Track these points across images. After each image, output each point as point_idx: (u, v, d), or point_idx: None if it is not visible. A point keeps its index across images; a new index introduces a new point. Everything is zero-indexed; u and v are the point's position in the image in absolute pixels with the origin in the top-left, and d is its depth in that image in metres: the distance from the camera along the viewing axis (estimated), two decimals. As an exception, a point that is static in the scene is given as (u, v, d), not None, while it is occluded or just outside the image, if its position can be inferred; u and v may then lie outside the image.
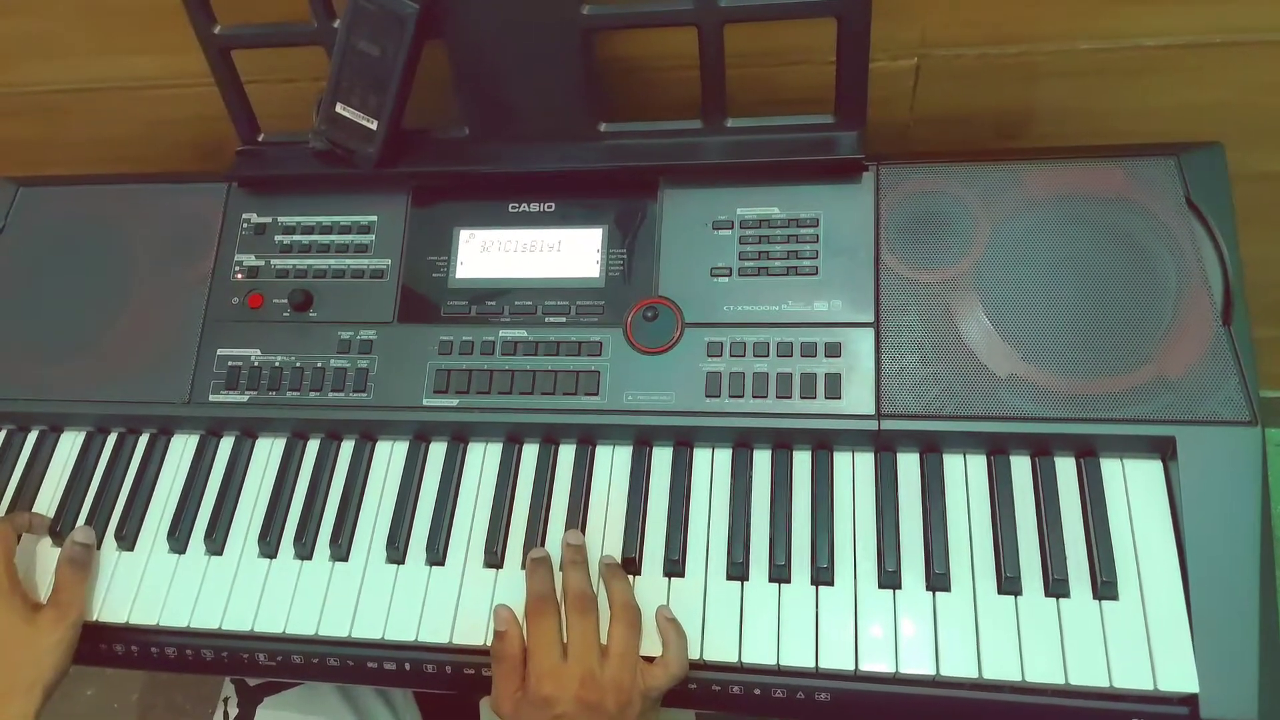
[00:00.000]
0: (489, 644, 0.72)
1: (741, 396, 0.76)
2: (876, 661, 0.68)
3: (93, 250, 0.89)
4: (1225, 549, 0.67)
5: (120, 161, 1.05)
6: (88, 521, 0.82)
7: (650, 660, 0.69)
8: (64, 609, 0.76)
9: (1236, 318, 0.71)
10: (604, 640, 0.69)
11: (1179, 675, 0.64)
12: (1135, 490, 0.70)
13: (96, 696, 1.52)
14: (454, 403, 0.79)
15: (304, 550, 0.78)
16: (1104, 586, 0.67)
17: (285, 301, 0.84)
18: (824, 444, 0.75)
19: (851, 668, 0.68)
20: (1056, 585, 0.68)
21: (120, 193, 0.91)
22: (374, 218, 0.85)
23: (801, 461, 0.75)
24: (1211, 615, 0.66)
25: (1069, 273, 0.74)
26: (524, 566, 0.75)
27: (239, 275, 0.86)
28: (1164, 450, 0.70)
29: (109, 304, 0.87)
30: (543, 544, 0.76)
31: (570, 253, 0.82)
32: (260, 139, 0.88)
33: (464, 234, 0.84)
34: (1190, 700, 0.64)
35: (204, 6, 0.80)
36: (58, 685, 0.75)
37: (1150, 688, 0.64)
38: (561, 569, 0.73)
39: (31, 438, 0.88)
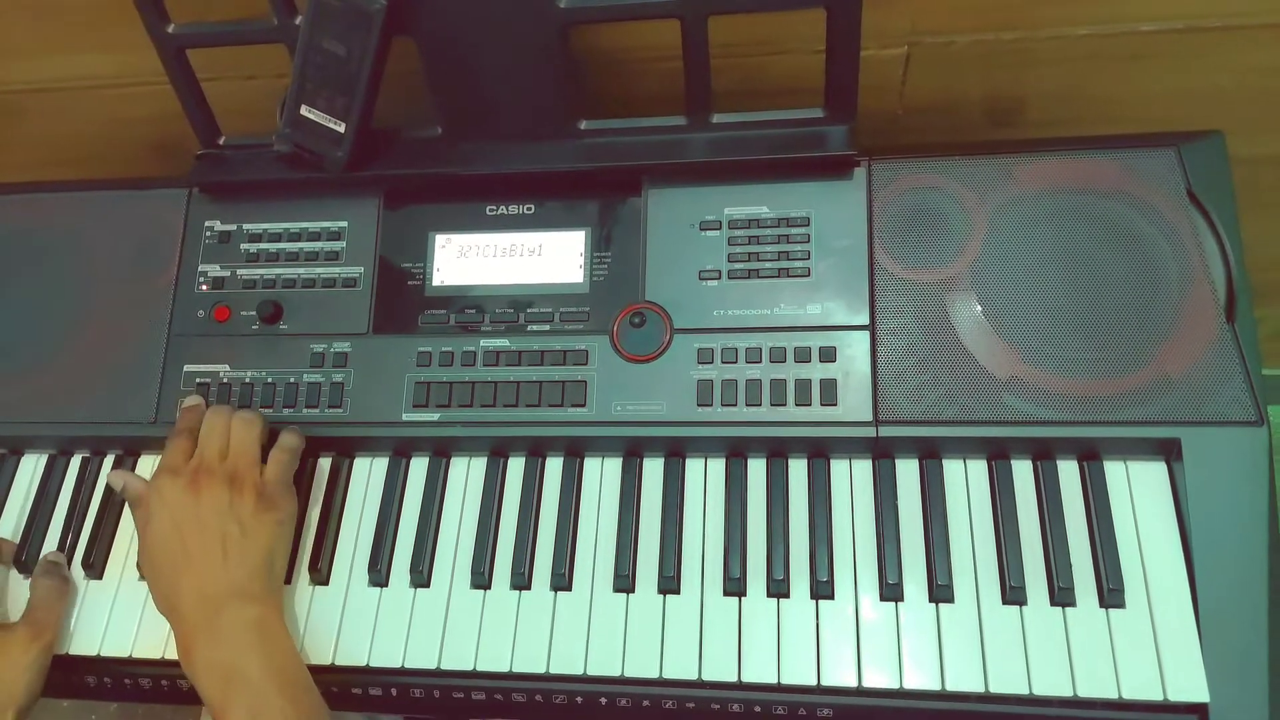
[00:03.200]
0: (477, 668, 0.70)
1: (734, 405, 0.73)
2: (880, 677, 0.66)
3: (47, 261, 0.85)
4: (1233, 553, 0.65)
5: (76, 163, 1.01)
6: (57, 549, 0.79)
7: None
8: (39, 628, 0.73)
9: (1240, 314, 0.70)
10: None
11: (1189, 685, 0.63)
12: (1140, 494, 0.69)
13: (74, 706, 1.48)
14: (435, 416, 0.76)
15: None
16: (1110, 594, 0.66)
17: (254, 313, 0.80)
18: (820, 452, 0.73)
19: (854, 684, 0.66)
20: (1062, 594, 0.66)
21: (75, 200, 0.86)
22: (344, 224, 0.82)
23: (798, 471, 0.73)
24: (1220, 622, 0.64)
25: (1068, 270, 0.72)
26: (513, 587, 0.72)
27: (204, 286, 0.82)
28: (1169, 452, 0.69)
29: (67, 318, 0.83)
30: (532, 561, 0.73)
31: (552, 257, 0.79)
32: (221, 142, 0.84)
33: (440, 239, 0.80)
34: (1200, 709, 0.63)
35: (156, 4, 0.76)
36: (31, 708, 0.72)
37: (1160, 698, 0.63)
38: None
39: (-10, 462, 0.84)
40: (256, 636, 0.66)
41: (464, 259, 0.80)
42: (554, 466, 0.76)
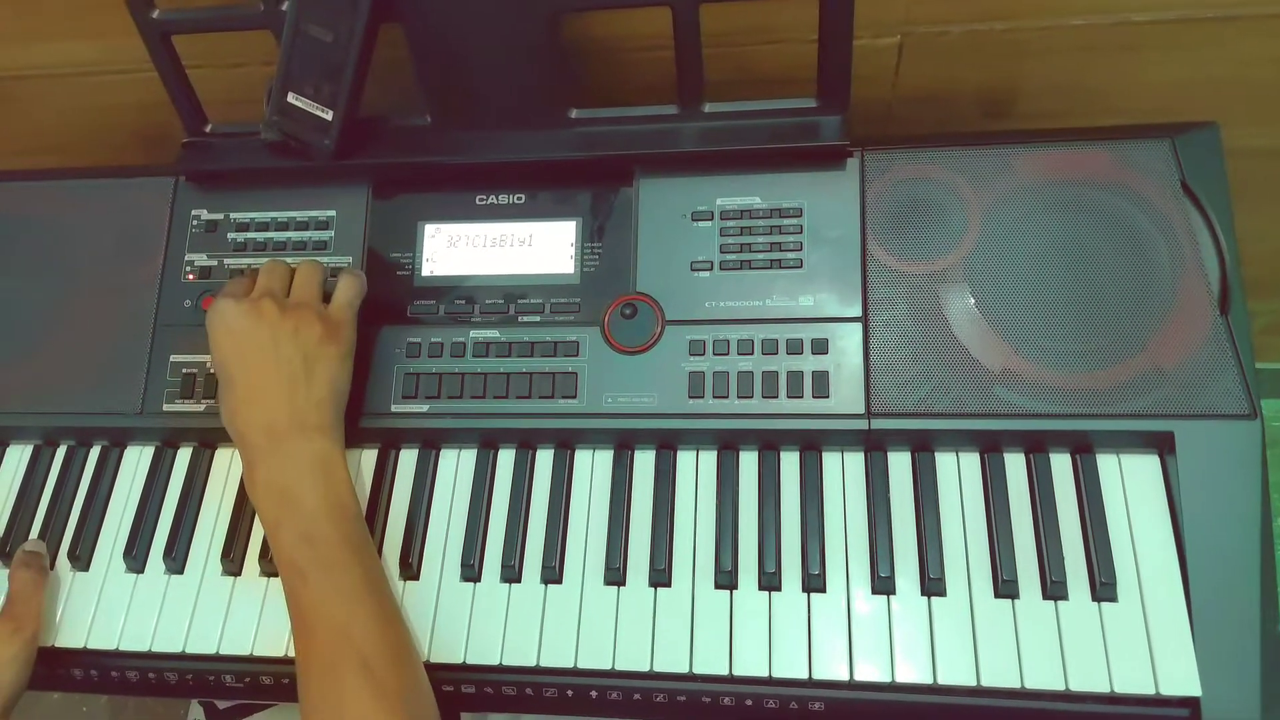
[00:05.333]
0: (467, 661, 0.69)
1: (726, 397, 0.72)
2: (871, 670, 0.66)
3: (31, 251, 0.83)
4: (1225, 547, 0.65)
5: (60, 151, 0.99)
6: (39, 539, 0.78)
7: None
8: (19, 621, 0.72)
9: (1234, 307, 0.69)
10: None
11: (1181, 678, 0.63)
12: (1133, 487, 0.69)
13: (64, 698, 1.47)
14: (424, 408, 0.75)
15: (270, 567, 0.74)
16: (1102, 588, 0.65)
17: (241, 303, 0.79)
18: (812, 444, 0.73)
19: (846, 677, 0.66)
20: (1054, 587, 0.66)
21: (59, 189, 0.85)
22: (332, 213, 0.81)
23: (789, 463, 0.73)
24: (1213, 615, 0.64)
25: (1062, 262, 0.71)
26: (503, 579, 0.72)
27: (190, 276, 0.81)
28: (1162, 445, 0.69)
29: (52, 309, 0.82)
30: (522, 554, 0.72)
31: (543, 247, 0.78)
32: (208, 129, 0.83)
33: (429, 228, 0.79)
34: (1192, 703, 0.63)
35: (141, -11, 0.75)
36: (15, 702, 0.71)
37: (1152, 691, 0.63)
38: None
39: (-26, 452, 0.83)
40: (316, 468, 0.68)
41: (454, 249, 0.79)
42: (544, 458, 0.76)
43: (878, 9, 0.78)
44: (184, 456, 0.79)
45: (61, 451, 0.82)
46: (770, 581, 0.69)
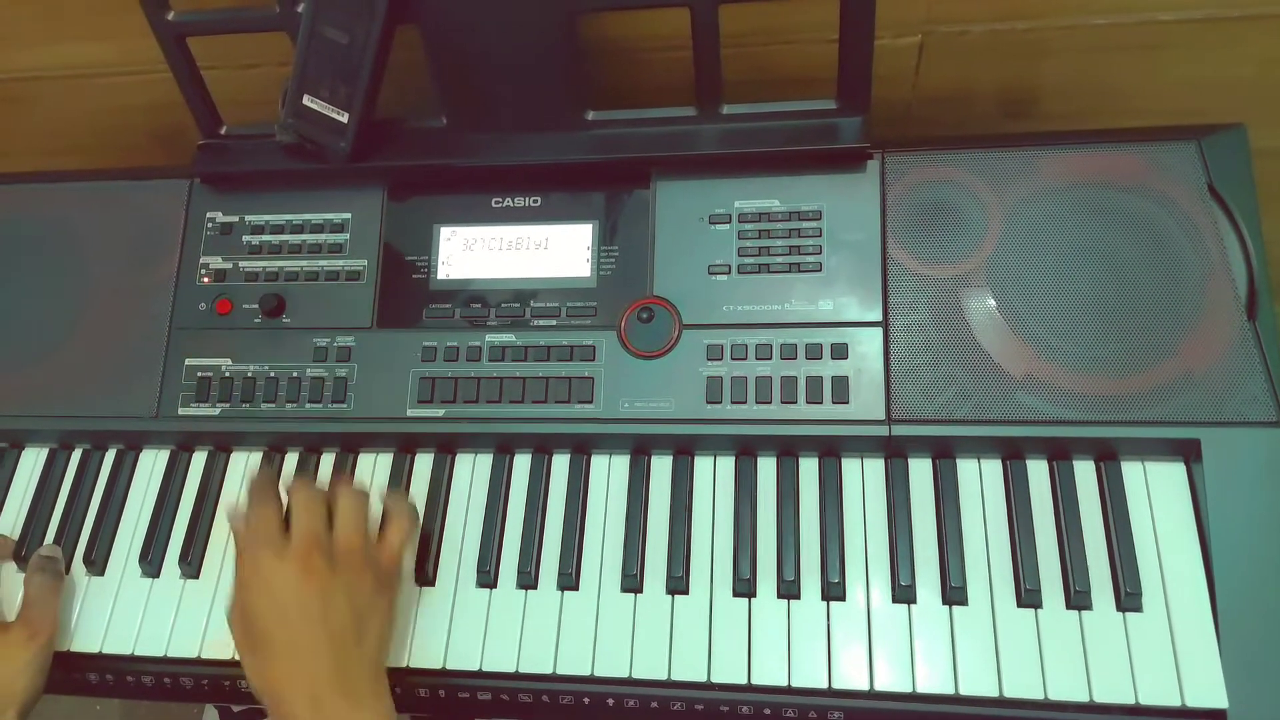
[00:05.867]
0: (483, 668, 0.69)
1: (744, 402, 0.72)
2: (892, 680, 0.65)
3: (47, 253, 0.83)
4: (1253, 556, 0.64)
5: (76, 152, 0.99)
6: (54, 544, 0.78)
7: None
8: (35, 626, 0.72)
9: (1261, 311, 0.68)
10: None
11: (1207, 690, 0.62)
12: (1158, 495, 0.68)
13: (77, 700, 1.48)
14: (440, 412, 0.75)
15: (285, 572, 0.74)
16: (1127, 598, 0.64)
17: (256, 307, 0.79)
18: (831, 451, 0.72)
19: (866, 687, 0.65)
20: (1078, 597, 0.65)
21: (74, 190, 0.85)
22: (348, 215, 0.80)
23: (808, 470, 0.72)
24: (1240, 626, 0.63)
25: (1086, 265, 0.70)
26: (519, 586, 0.71)
27: (205, 279, 0.81)
28: (1188, 453, 0.67)
29: (68, 311, 0.81)
30: (538, 559, 0.72)
31: (559, 250, 0.77)
32: (223, 131, 0.82)
33: (445, 231, 0.79)
34: (1219, 715, 0.62)
35: (156, -9, 0.74)
36: (32, 707, 0.71)
37: (1178, 703, 0.62)
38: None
39: (-10, 456, 0.83)
40: None
41: (469, 252, 0.78)
42: (560, 464, 0.75)
43: (898, 8, 0.77)
44: (199, 460, 0.79)
45: (77, 455, 0.81)
46: (789, 590, 0.68)
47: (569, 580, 0.70)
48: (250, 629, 0.64)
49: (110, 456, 0.81)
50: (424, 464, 0.76)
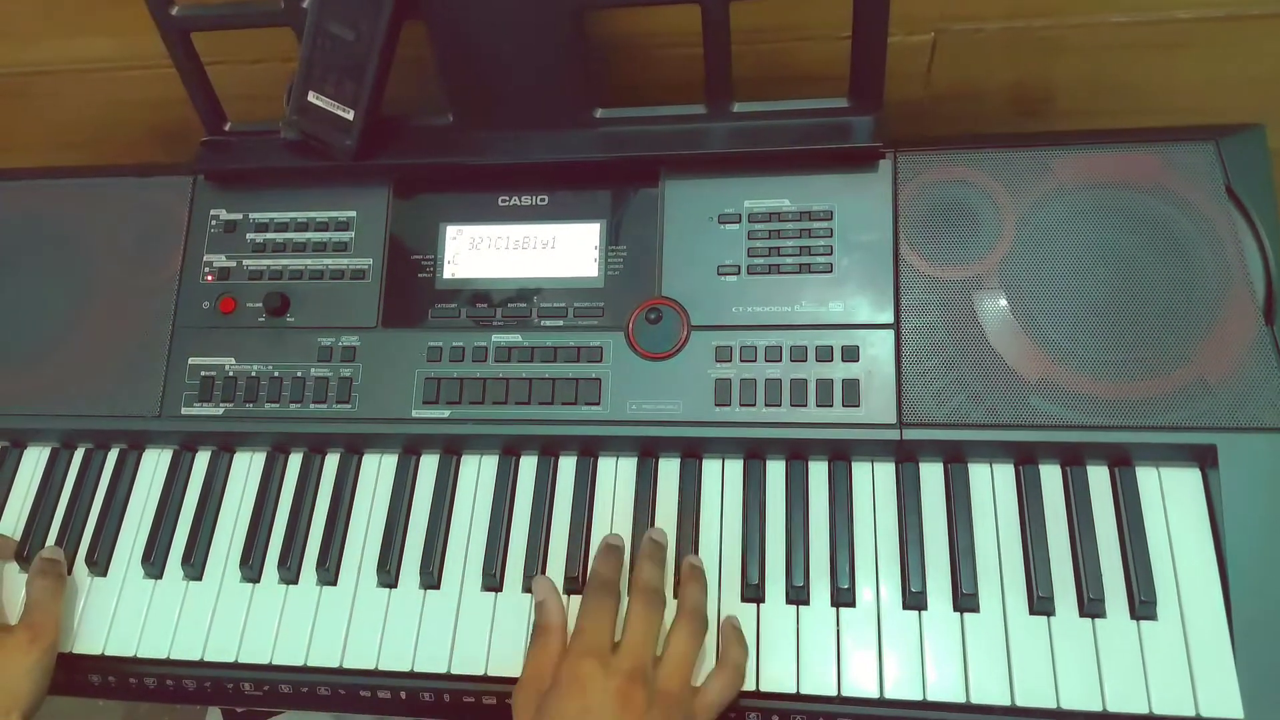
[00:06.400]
0: (489, 673, 0.68)
1: (753, 405, 0.71)
2: (903, 688, 0.64)
3: (49, 250, 0.83)
4: (1269, 564, 0.63)
5: (79, 147, 0.99)
6: (56, 544, 0.77)
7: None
8: (37, 630, 0.71)
9: (1279, 315, 0.67)
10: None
11: (1222, 699, 0.61)
12: (1173, 502, 0.67)
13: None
14: (445, 413, 0.74)
15: (289, 574, 0.73)
16: (1142, 606, 0.64)
17: (260, 305, 0.78)
18: (841, 454, 0.71)
19: (876, 694, 0.64)
20: (1092, 605, 0.64)
21: (77, 187, 0.84)
22: (353, 213, 0.79)
23: (818, 473, 0.71)
24: (1255, 635, 0.62)
25: (1102, 268, 0.69)
26: (525, 589, 0.70)
27: (209, 277, 0.80)
28: (1204, 459, 0.67)
29: (70, 309, 0.81)
30: (544, 563, 0.71)
31: (566, 250, 0.76)
32: (227, 128, 0.81)
33: (451, 230, 0.78)
34: (1234, 726, 0.61)
35: (159, -15, 0.73)
36: (35, 710, 0.71)
37: (1192, 713, 0.61)
38: (635, 562, 0.68)
39: (-8, 454, 0.82)
40: None
41: (475, 251, 0.77)
42: (567, 466, 0.74)
43: (911, 5, 0.76)
44: (202, 460, 0.79)
45: (79, 454, 0.81)
46: (798, 595, 0.67)
47: (575, 585, 0.70)
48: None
49: (113, 456, 0.80)
50: (429, 466, 0.76)
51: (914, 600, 0.66)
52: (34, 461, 0.81)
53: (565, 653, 0.63)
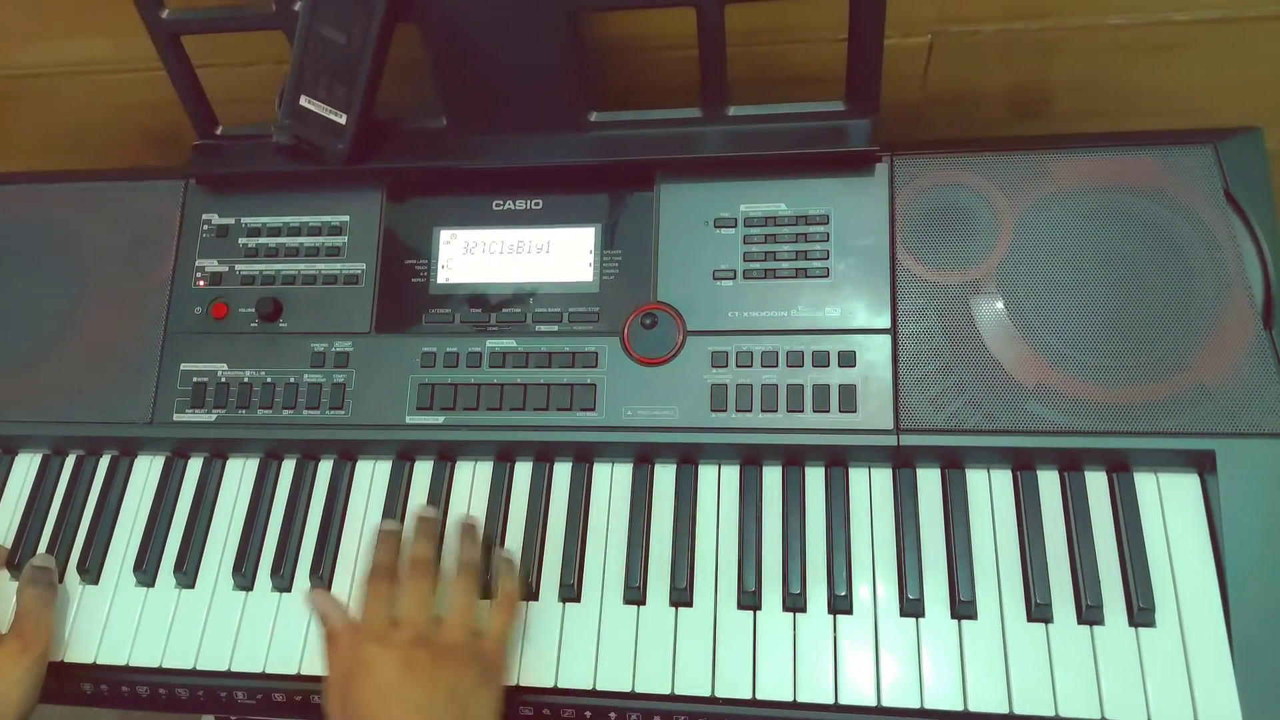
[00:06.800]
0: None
1: (749, 410, 0.70)
2: (900, 695, 0.64)
3: (40, 255, 0.82)
4: (1268, 571, 0.63)
5: (70, 150, 0.98)
6: (48, 551, 0.77)
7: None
8: (28, 639, 0.70)
9: (1278, 320, 0.67)
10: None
11: (1221, 708, 0.61)
12: (1171, 507, 0.66)
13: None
14: (439, 419, 0.74)
15: (282, 582, 0.73)
16: (1140, 613, 0.63)
17: (252, 310, 0.78)
18: (838, 460, 0.71)
19: (873, 702, 0.64)
20: (1090, 612, 0.64)
21: (68, 191, 0.83)
22: (346, 218, 0.79)
23: (815, 480, 0.71)
24: (1254, 643, 0.62)
25: (1099, 272, 0.69)
26: (524, 598, 0.70)
27: (201, 282, 0.79)
28: (1202, 464, 0.66)
29: (61, 314, 0.80)
30: (539, 570, 0.71)
31: (561, 254, 0.76)
32: (219, 132, 0.81)
33: (445, 234, 0.77)
34: (1233, 734, 0.61)
35: (150, -12, 0.73)
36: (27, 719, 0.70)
37: (1191, 721, 0.61)
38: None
39: (-17, 461, 0.81)
40: None
41: (469, 255, 0.77)
42: (562, 472, 0.74)
43: (908, 7, 0.75)
44: (195, 467, 0.78)
45: (70, 461, 0.80)
46: (795, 603, 0.67)
47: (571, 592, 0.69)
48: (350, 712, 0.62)
49: (104, 463, 0.79)
50: (423, 472, 0.75)
51: (911, 607, 0.66)
52: (25, 468, 0.81)
53: (350, 642, 0.65)
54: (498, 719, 0.64)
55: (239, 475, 0.77)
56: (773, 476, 0.71)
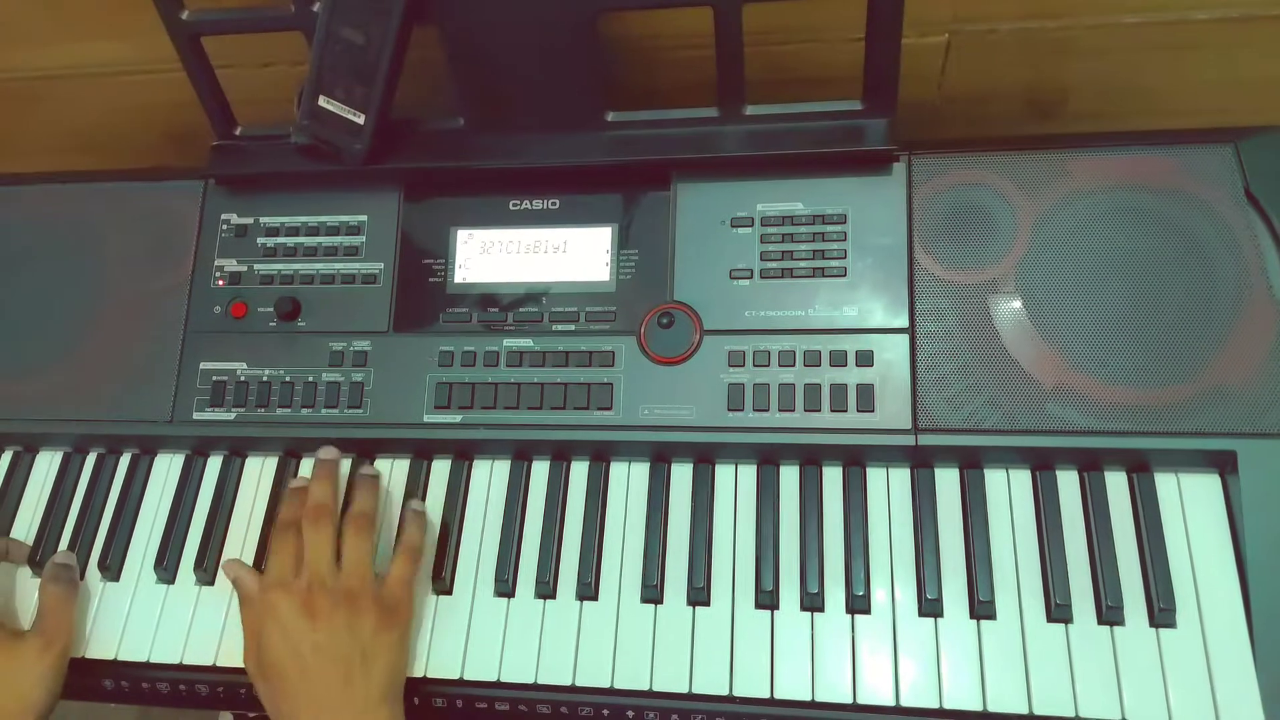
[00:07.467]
0: (501, 679, 0.68)
1: (766, 410, 0.70)
2: (918, 696, 0.64)
3: (61, 254, 0.82)
4: (1290, 572, 0.62)
5: (90, 151, 0.99)
6: (69, 548, 0.77)
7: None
8: (50, 636, 0.71)
9: (1300, 319, 0.66)
10: None
11: (1242, 709, 0.60)
12: (1192, 508, 0.66)
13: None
14: (457, 418, 0.74)
15: (301, 580, 0.73)
16: (1161, 614, 0.63)
17: (271, 310, 0.78)
18: (856, 460, 0.70)
19: (892, 702, 0.64)
20: (1110, 613, 0.63)
21: (88, 191, 0.84)
22: (364, 218, 0.79)
23: (832, 479, 0.71)
24: (1276, 643, 0.61)
25: (1119, 272, 0.69)
26: (538, 595, 0.70)
27: (220, 281, 0.80)
28: (1223, 465, 0.66)
29: (81, 313, 0.81)
30: (556, 569, 0.71)
31: (577, 254, 0.76)
32: (238, 132, 0.81)
33: (462, 234, 0.78)
34: (1255, 736, 0.60)
35: (170, -10, 0.73)
36: (49, 715, 0.71)
37: (1212, 723, 0.60)
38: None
39: (5, 459, 0.82)
40: None
41: (487, 255, 0.77)
42: (579, 471, 0.74)
43: (925, 7, 0.75)
44: (214, 465, 0.79)
45: (91, 459, 0.81)
46: (813, 602, 0.67)
47: (588, 590, 0.69)
48: (263, 660, 0.66)
49: (125, 461, 0.80)
50: (441, 470, 0.75)
51: (930, 607, 0.66)
52: (46, 466, 0.81)
53: (251, 592, 0.69)
54: (401, 661, 0.68)
55: (258, 473, 0.78)
56: (790, 476, 0.71)
